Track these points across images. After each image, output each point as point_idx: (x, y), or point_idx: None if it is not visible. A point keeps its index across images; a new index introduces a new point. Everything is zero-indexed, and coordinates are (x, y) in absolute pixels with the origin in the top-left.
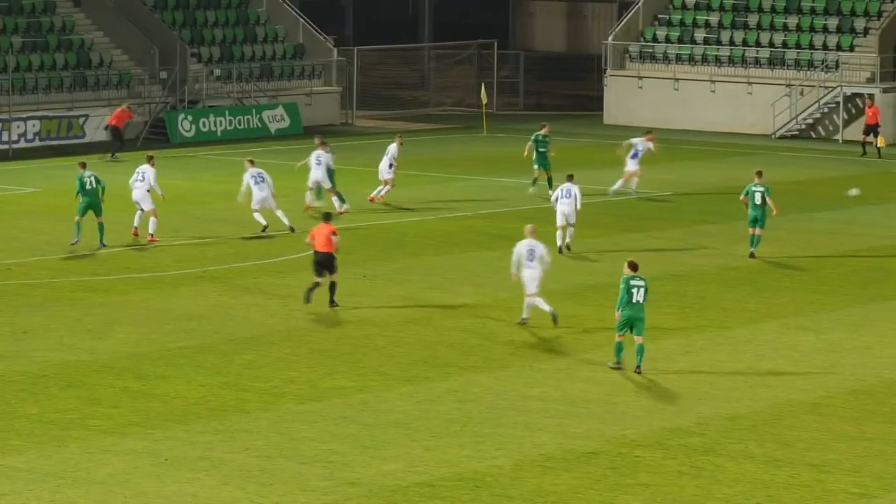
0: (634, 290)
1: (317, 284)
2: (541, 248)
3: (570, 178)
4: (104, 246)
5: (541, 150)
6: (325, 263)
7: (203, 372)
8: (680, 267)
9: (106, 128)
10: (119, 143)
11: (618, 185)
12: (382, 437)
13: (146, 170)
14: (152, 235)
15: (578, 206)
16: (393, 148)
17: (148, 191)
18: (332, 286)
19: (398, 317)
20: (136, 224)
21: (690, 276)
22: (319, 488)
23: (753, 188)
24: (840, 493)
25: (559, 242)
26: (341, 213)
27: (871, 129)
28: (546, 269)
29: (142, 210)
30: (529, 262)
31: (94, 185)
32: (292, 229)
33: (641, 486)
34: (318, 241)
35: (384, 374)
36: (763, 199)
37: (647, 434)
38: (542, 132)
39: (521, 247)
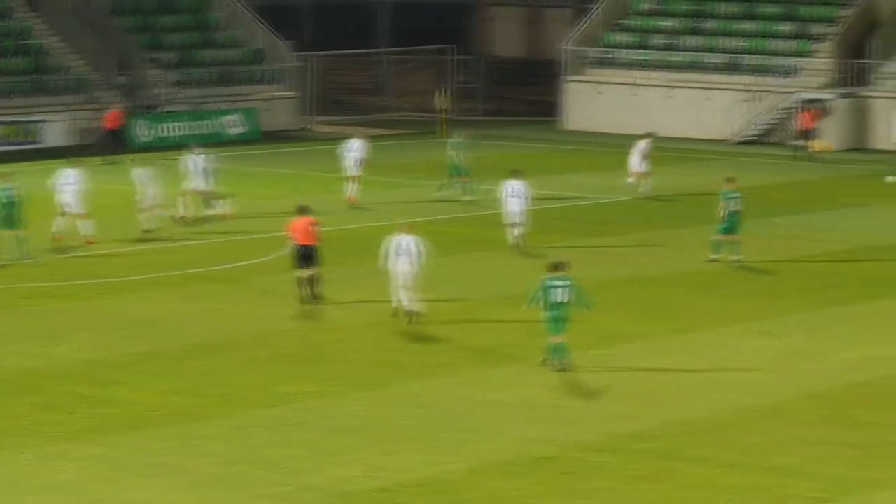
0: (555, 291)
1: (304, 278)
2: (414, 244)
3: (515, 174)
4: (28, 258)
5: (455, 153)
6: (308, 255)
7: (160, 378)
8: (639, 271)
9: (101, 132)
10: (117, 145)
11: (646, 188)
12: (340, 443)
13: (73, 173)
14: (88, 238)
15: (527, 204)
16: (355, 142)
17: (79, 193)
18: (315, 279)
19: (356, 322)
20: (56, 229)
21: (649, 281)
22: (276, 494)
23: (730, 195)
24: (798, 498)
25: (511, 241)
26: (223, 216)
27: (808, 134)
28: (421, 264)
29: (69, 214)
30: (399, 256)
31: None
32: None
33: (598, 490)
34: (298, 233)
35: (342, 380)
36: (738, 205)
37: (604, 438)
38: (458, 138)
39: (393, 241)
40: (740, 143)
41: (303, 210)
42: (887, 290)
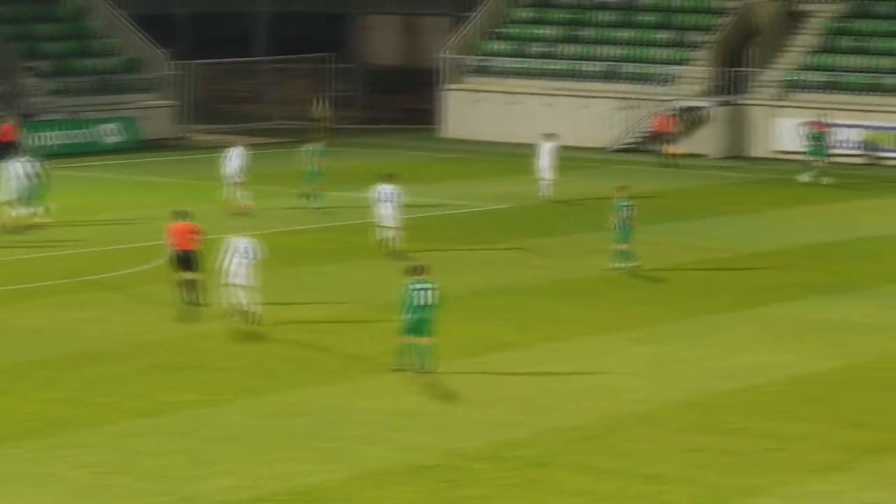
0: (418, 294)
1: (184, 282)
2: (251, 247)
3: (387, 178)
4: None
5: (310, 161)
6: (187, 260)
7: (40, 387)
8: (515, 279)
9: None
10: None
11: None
12: (218, 452)
13: None
14: None
15: (399, 208)
16: (237, 150)
17: None
18: (196, 284)
19: (236, 330)
20: None
21: (525, 289)
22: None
23: (622, 203)
24: None
25: (378, 242)
26: (36, 223)
27: (663, 138)
28: (255, 264)
29: None
30: (236, 258)
31: None
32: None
33: (477, 498)
34: (177, 239)
35: (221, 388)
36: (630, 213)
37: (483, 446)
38: (314, 145)
39: (231, 244)
40: (618, 150)
41: (180, 215)
42: (765, 297)
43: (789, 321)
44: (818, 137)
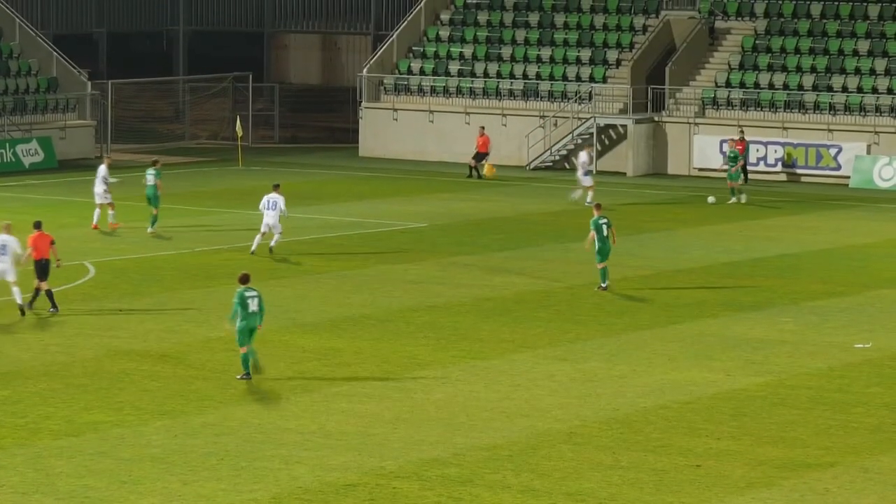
0: (249, 301)
1: (38, 291)
2: (12, 242)
3: (275, 187)
4: None
5: (149, 184)
6: (45, 269)
7: None
8: (435, 298)
9: None
10: None
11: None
12: (139, 472)
13: None
14: None
15: (283, 215)
16: (103, 169)
17: None
18: (49, 293)
19: (154, 351)
20: None
21: (446, 307)
22: None
23: (600, 221)
24: None
25: (254, 247)
26: None
27: (481, 157)
28: (16, 261)
29: None
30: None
31: None
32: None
33: None
34: (39, 249)
35: (140, 409)
36: (608, 230)
37: (405, 465)
38: (154, 167)
39: None
40: (536, 169)
41: (38, 225)
42: (686, 314)
43: (711, 338)
44: (735, 158)
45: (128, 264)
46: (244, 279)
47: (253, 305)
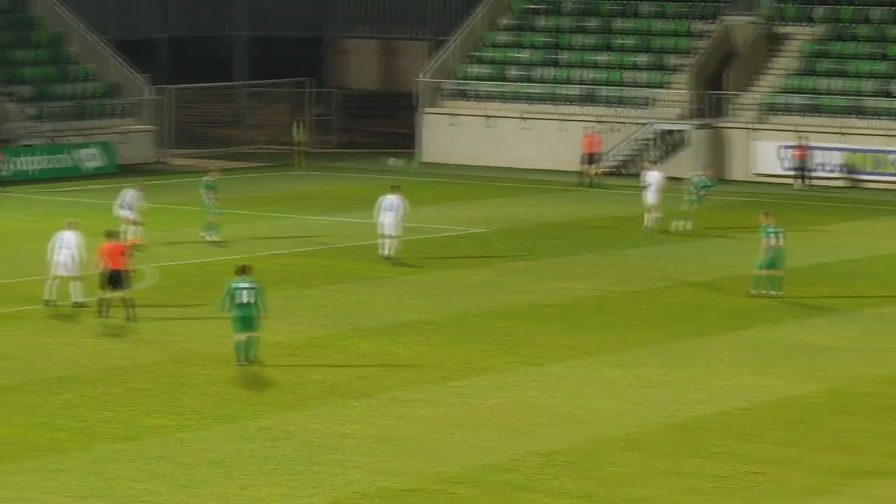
0: (240, 293)
1: (108, 300)
2: (74, 238)
3: (393, 189)
4: None
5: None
6: (117, 279)
7: (17, 412)
8: (492, 303)
9: None
10: None
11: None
12: (198, 477)
13: None
14: None
15: (401, 218)
16: (132, 195)
17: None
18: (127, 301)
19: (214, 355)
20: None
21: (503, 313)
22: None
23: (770, 230)
24: None
25: (383, 251)
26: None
27: (591, 158)
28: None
29: None
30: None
31: None
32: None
33: None
34: (109, 259)
35: (200, 413)
36: (779, 239)
37: (463, 471)
38: (209, 177)
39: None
40: (596, 174)
41: (111, 235)
42: (745, 320)
43: (772, 344)
44: (702, 185)
45: (189, 269)
46: (240, 270)
47: (245, 297)
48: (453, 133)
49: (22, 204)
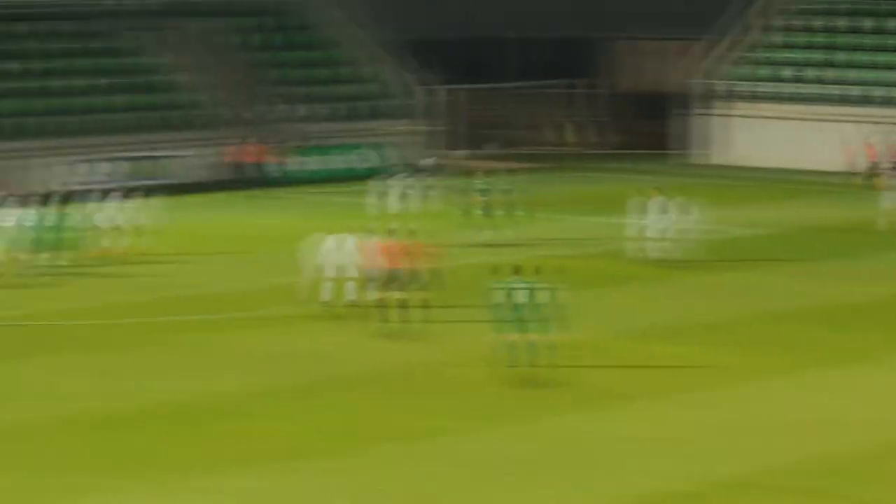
0: (515, 293)
1: (385, 300)
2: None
3: (657, 190)
4: None
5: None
6: (396, 280)
7: (298, 411)
8: (775, 305)
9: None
10: (254, 180)
11: None
12: (470, 479)
13: None
14: None
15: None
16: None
17: None
18: (405, 303)
19: (488, 357)
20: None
21: (788, 315)
22: None
23: None
24: None
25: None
26: None
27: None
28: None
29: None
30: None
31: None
32: None
33: None
34: (390, 257)
35: (473, 415)
36: None
37: (745, 474)
38: (480, 181)
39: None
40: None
41: (391, 233)
42: None
43: None
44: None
45: (464, 268)
46: (515, 271)
47: (520, 297)
48: (727, 134)
49: (297, 204)
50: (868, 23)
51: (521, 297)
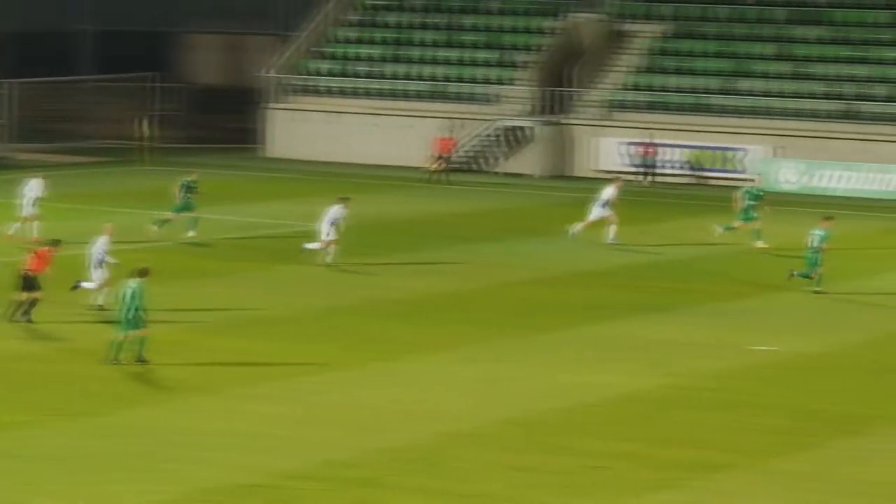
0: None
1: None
2: None
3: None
4: None
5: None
6: (32, 282)
7: None
8: (341, 300)
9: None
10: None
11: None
12: (43, 473)
13: None
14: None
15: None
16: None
17: None
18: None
19: (62, 351)
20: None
21: (354, 309)
22: None
23: (817, 232)
24: None
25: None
26: None
27: (440, 159)
28: None
29: None
30: None
31: None
32: None
33: None
34: (34, 262)
35: (47, 409)
36: (821, 243)
37: (310, 466)
38: (191, 178)
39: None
40: (443, 170)
41: (53, 242)
42: (590, 316)
43: (614, 340)
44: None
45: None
46: (140, 273)
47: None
48: (299, 128)
49: None
50: (441, 19)
51: (127, 295)
